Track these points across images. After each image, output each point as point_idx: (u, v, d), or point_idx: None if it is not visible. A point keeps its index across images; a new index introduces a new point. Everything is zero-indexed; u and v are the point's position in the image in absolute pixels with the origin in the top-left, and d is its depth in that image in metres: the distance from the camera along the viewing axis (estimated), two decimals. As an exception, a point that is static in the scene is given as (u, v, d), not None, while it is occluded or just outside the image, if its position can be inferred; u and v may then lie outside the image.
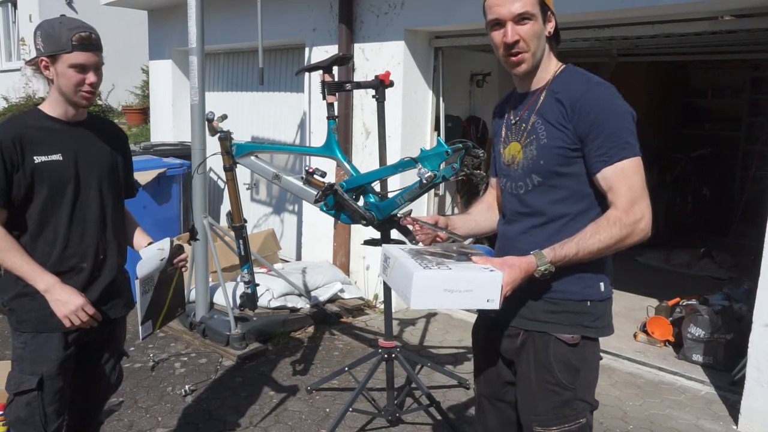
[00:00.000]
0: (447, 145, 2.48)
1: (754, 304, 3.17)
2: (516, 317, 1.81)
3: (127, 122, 10.55)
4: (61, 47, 1.92)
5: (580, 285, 1.73)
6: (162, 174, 5.05)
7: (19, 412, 2.00)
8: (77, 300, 1.96)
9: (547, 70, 1.75)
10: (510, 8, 1.66)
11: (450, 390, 3.66)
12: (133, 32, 10.41)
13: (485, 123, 6.13)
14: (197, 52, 4.01)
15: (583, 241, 1.62)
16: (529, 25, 1.67)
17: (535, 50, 1.70)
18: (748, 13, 3.32)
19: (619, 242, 1.62)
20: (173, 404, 3.43)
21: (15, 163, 1.92)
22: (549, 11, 1.71)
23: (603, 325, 1.78)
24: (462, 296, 1.54)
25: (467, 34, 4.54)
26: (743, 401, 3.23)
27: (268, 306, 4.41)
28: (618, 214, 1.61)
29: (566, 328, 1.74)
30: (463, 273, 1.56)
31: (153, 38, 7.30)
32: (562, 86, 1.70)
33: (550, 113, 1.70)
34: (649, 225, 1.63)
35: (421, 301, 1.56)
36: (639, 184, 1.62)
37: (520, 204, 1.81)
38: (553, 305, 1.75)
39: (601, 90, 1.66)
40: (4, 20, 12.64)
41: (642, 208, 1.61)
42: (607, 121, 1.62)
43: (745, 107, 8.12)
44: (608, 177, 1.63)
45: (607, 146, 1.61)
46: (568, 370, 1.74)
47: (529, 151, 1.74)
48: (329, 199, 2.94)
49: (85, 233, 2.07)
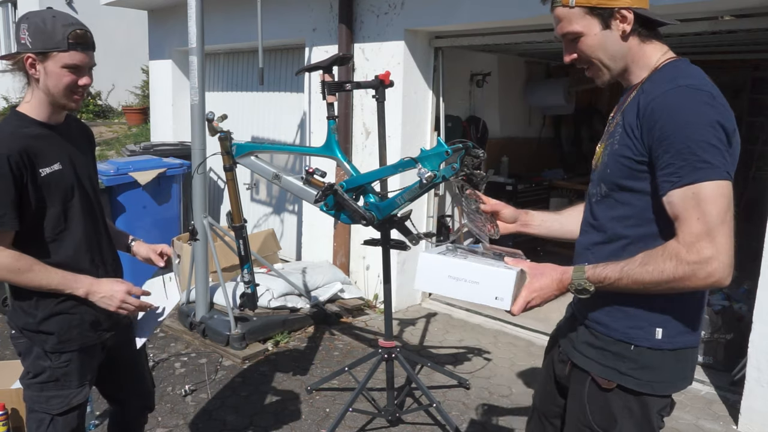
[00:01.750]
0: (447, 145, 2.48)
1: (754, 304, 3.17)
2: (566, 341, 1.67)
3: (127, 122, 10.55)
4: (56, 45, 1.76)
5: (626, 323, 1.50)
6: (162, 174, 5.05)
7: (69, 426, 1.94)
8: (120, 288, 1.89)
9: (647, 65, 1.50)
10: (557, 29, 1.55)
11: (450, 390, 3.66)
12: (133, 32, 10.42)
13: (485, 123, 6.14)
14: (197, 52, 4.01)
15: (629, 268, 1.38)
16: (580, 41, 1.51)
17: (605, 60, 1.51)
18: (748, 13, 3.32)
19: (672, 282, 1.34)
20: (173, 404, 3.43)
21: (25, 178, 1.76)
22: (611, 11, 1.46)
23: (650, 379, 1.49)
24: (468, 287, 1.49)
25: (467, 34, 4.55)
26: (743, 401, 3.23)
27: (268, 306, 4.40)
28: (678, 248, 1.34)
29: (602, 369, 1.53)
30: (475, 264, 1.50)
31: (153, 38, 7.30)
32: (650, 84, 1.45)
33: (629, 115, 1.46)
34: (721, 269, 1.31)
35: (425, 283, 1.55)
36: (716, 215, 1.31)
37: (590, 215, 1.61)
38: (594, 339, 1.56)
39: (682, 93, 1.37)
40: (4, 20, 12.64)
41: (716, 246, 1.31)
42: (678, 132, 1.33)
43: (745, 107, 8.11)
44: (675, 202, 1.35)
45: (677, 164, 1.33)
46: (602, 414, 1.54)
47: (605, 156, 1.53)
48: (329, 199, 2.94)
49: (95, 242, 1.99)
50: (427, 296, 5.21)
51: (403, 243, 3.14)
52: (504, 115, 6.53)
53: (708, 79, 1.43)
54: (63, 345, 1.90)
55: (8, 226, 1.76)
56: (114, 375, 2.17)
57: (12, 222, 1.76)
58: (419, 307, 5.08)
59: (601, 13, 1.46)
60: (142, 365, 2.29)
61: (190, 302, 4.44)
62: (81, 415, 1.99)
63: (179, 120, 7.13)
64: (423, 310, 4.98)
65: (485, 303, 1.49)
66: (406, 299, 5.03)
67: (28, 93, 1.87)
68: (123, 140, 9.55)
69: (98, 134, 9.98)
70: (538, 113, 7.07)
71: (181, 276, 4.80)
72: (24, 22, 1.79)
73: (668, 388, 1.51)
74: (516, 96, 6.70)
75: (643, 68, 1.51)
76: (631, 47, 1.50)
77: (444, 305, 5.06)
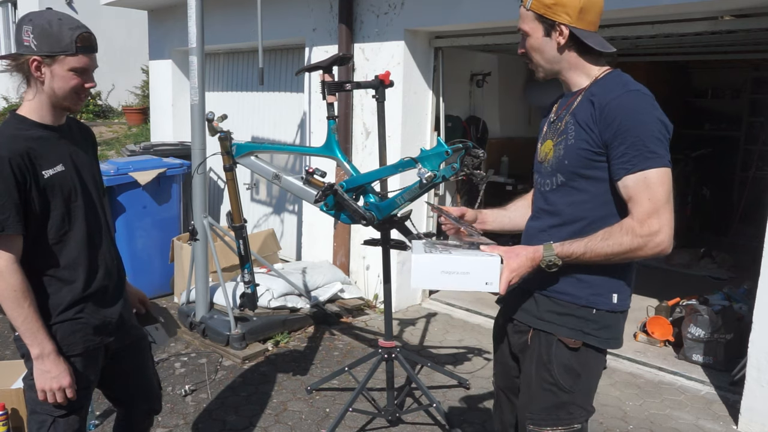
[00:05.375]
0: (447, 145, 2.48)
1: (754, 304, 3.17)
2: (524, 313, 1.84)
3: (127, 122, 10.55)
4: (63, 48, 1.76)
5: (588, 291, 1.73)
6: (162, 174, 5.05)
7: (71, 428, 1.93)
8: (65, 380, 1.82)
9: (587, 74, 1.75)
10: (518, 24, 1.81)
11: (450, 390, 3.66)
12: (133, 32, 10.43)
13: (485, 123, 6.14)
14: (197, 52, 4.01)
15: (593, 243, 1.62)
16: (527, 39, 1.78)
17: (539, 61, 1.78)
18: (748, 13, 3.32)
19: (628, 252, 1.60)
20: (173, 404, 3.43)
21: (28, 181, 1.75)
22: (554, 24, 1.70)
23: (608, 337, 1.76)
24: (460, 278, 1.65)
25: (467, 34, 4.55)
26: (743, 401, 3.23)
27: (268, 306, 4.40)
28: (632, 224, 1.59)
29: (569, 331, 1.74)
30: (462, 257, 1.67)
31: (153, 38, 7.30)
32: (599, 89, 1.69)
33: (581, 114, 1.69)
34: (666, 240, 1.59)
35: (421, 281, 1.70)
36: (662, 196, 1.57)
37: (545, 202, 1.82)
38: (559, 306, 1.76)
39: (634, 97, 1.62)
40: (4, 20, 12.65)
41: (661, 221, 1.57)
42: (633, 128, 1.58)
43: (746, 107, 8.12)
44: (629, 186, 1.60)
45: (631, 154, 1.58)
46: (567, 372, 1.74)
47: (558, 150, 1.75)
48: (329, 199, 2.94)
49: (98, 242, 1.97)
50: (427, 296, 5.21)
51: (403, 243, 3.14)
52: (504, 115, 6.53)
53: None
54: (67, 349, 1.89)
55: (11, 229, 1.74)
56: (120, 378, 2.16)
57: (15, 225, 1.74)
58: (419, 307, 5.08)
59: (545, 21, 1.72)
60: (148, 368, 2.27)
61: (190, 302, 4.44)
62: (83, 417, 1.99)
63: (179, 120, 7.13)
64: (423, 310, 4.98)
65: (477, 289, 1.67)
66: (406, 299, 5.03)
67: (28, 94, 1.85)
68: (123, 140, 9.56)
69: (98, 134, 9.98)
70: (538, 113, 7.07)
71: (182, 276, 4.80)
72: (27, 24, 1.78)
73: (615, 343, 1.78)
74: (516, 96, 6.70)
75: (582, 76, 1.76)
76: (568, 58, 1.74)
77: (444, 305, 5.05)
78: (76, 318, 1.90)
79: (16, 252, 1.76)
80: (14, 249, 1.76)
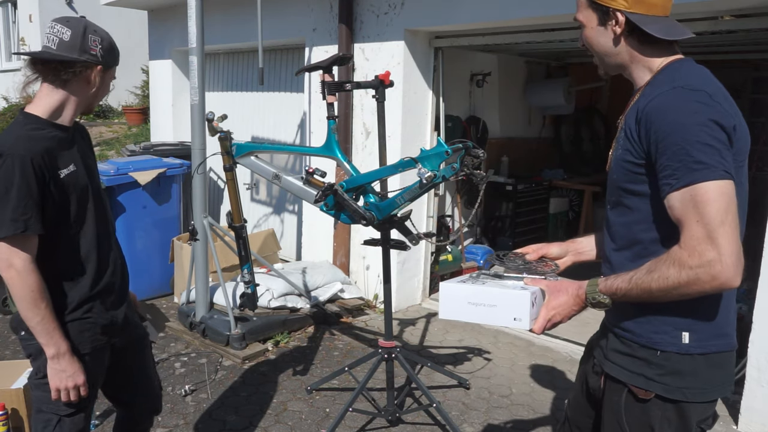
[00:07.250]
0: (447, 145, 2.48)
1: (754, 304, 3.17)
2: (599, 351, 1.61)
3: (127, 122, 10.55)
4: (116, 60, 1.94)
5: (649, 328, 1.46)
6: (162, 174, 5.05)
7: (76, 427, 1.95)
8: (80, 378, 1.86)
9: (649, 67, 1.49)
10: None
11: (450, 390, 3.66)
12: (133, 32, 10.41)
13: (485, 123, 6.14)
14: (197, 52, 4.01)
15: (638, 277, 1.37)
16: (583, 30, 1.56)
17: (598, 53, 1.55)
18: (748, 13, 3.32)
19: (678, 288, 1.31)
20: (173, 404, 3.43)
21: (47, 180, 1.77)
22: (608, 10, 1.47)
23: (682, 386, 1.43)
24: (487, 311, 1.54)
25: (467, 34, 4.55)
26: (743, 401, 3.23)
27: (268, 306, 4.41)
28: (680, 253, 1.31)
29: (631, 376, 1.48)
30: (491, 288, 1.55)
31: (153, 38, 7.30)
32: (650, 88, 1.44)
33: (630, 119, 1.45)
34: (727, 271, 1.27)
35: (448, 312, 1.60)
36: (715, 216, 1.27)
37: (607, 222, 1.58)
38: (623, 345, 1.52)
39: (675, 94, 1.35)
40: (4, 20, 12.65)
41: (717, 248, 1.27)
42: (672, 133, 1.31)
43: (746, 107, 8.11)
44: (674, 206, 1.33)
45: (674, 166, 1.31)
46: (640, 425, 1.49)
47: (612, 162, 1.53)
48: (329, 199, 2.94)
49: (105, 241, 1.99)
50: (427, 296, 5.21)
51: (403, 243, 3.14)
52: (504, 115, 6.53)
53: (711, 77, 1.41)
54: (74, 348, 1.89)
55: (33, 229, 1.75)
56: (121, 377, 2.17)
57: (36, 225, 1.76)
58: (419, 307, 5.08)
59: (599, 8, 1.49)
60: (149, 367, 2.28)
61: (190, 302, 4.44)
62: (88, 417, 2.00)
63: (179, 120, 7.13)
64: (423, 310, 4.98)
65: (505, 325, 1.54)
66: (406, 299, 5.03)
67: (42, 94, 1.86)
68: (123, 140, 9.55)
69: (98, 134, 9.99)
70: (538, 113, 7.07)
71: (182, 276, 4.80)
72: (93, 34, 1.86)
73: (703, 395, 1.45)
74: (516, 96, 6.70)
75: (644, 71, 1.50)
76: (627, 49, 1.50)
77: (444, 305, 5.05)
78: (85, 317, 1.91)
79: (33, 252, 1.78)
80: (31, 249, 1.78)
